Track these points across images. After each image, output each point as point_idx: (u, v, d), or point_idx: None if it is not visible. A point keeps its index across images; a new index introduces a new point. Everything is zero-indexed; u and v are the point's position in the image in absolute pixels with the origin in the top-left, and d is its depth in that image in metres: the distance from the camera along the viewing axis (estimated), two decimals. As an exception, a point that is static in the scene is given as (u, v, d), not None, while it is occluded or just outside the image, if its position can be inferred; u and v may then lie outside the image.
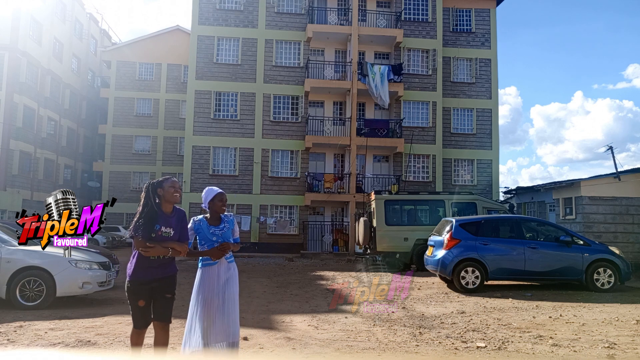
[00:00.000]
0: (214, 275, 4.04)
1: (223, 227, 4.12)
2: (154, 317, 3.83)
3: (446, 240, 10.16)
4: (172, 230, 3.77)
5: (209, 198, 4.16)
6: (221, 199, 4.15)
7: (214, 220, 4.14)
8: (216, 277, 4.03)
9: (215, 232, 4.08)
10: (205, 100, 23.23)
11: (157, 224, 3.69)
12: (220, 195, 4.16)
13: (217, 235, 4.06)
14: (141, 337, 3.89)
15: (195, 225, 4.08)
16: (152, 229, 3.67)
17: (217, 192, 4.14)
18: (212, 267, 4.05)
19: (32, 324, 6.23)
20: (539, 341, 5.57)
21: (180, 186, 4.00)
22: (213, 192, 4.15)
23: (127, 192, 31.94)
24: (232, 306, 4.02)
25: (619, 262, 9.90)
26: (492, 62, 24.84)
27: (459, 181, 24.23)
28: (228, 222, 4.17)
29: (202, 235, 4.06)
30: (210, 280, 4.02)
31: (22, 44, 25.93)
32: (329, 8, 24.24)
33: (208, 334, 3.90)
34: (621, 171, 16.81)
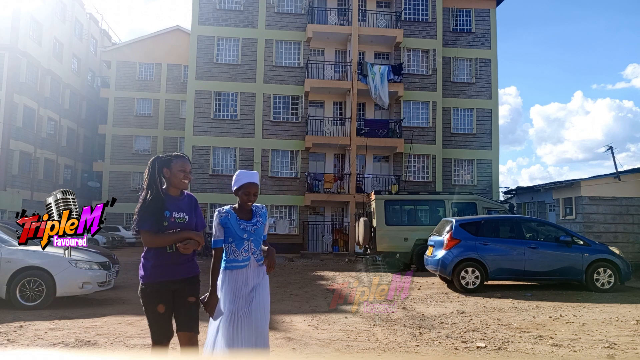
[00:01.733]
0: (242, 281, 3.36)
1: (256, 222, 3.43)
2: (178, 327, 3.24)
3: (446, 240, 10.17)
4: (185, 215, 3.21)
5: (236, 185, 3.45)
6: (247, 191, 3.40)
7: (244, 213, 3.44)
8: (244, 283, 3.35)
9: (247, 228, 3.39)
10: (205, 100, 23.24)
11: (166, 210, 3.11)
12: (248, 186, 3.40)
13: (249, 232, 3.38)
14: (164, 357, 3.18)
15: (222, 219, 3.38)
16: (162, 217, 3.09)
17: (246, 181, 3.40)
18: (240, 270, 3.36)
19: (32, 324, 6.23)
20: (539, 341, 5.57)
21: (191, 170, 3.38)
22: (241, 179, 3.42)
23: (127, 192, 31.93)
24: (261, 318, 3.32)
25: (619, 262, 9.90)
26: (492, 62, 24.85)
27: (459, 181, 24.24)
28: (261, 216, 3.49)
29: (230, 232, 3.35)
30: (236, 286, 3.34)
31: (22, 44, 25.93)
32: (329, 8, 24.25)
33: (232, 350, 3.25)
34: (621, 171, 16.81)
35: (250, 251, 3.40)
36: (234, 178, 3.47)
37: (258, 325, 3.26)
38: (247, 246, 3.37)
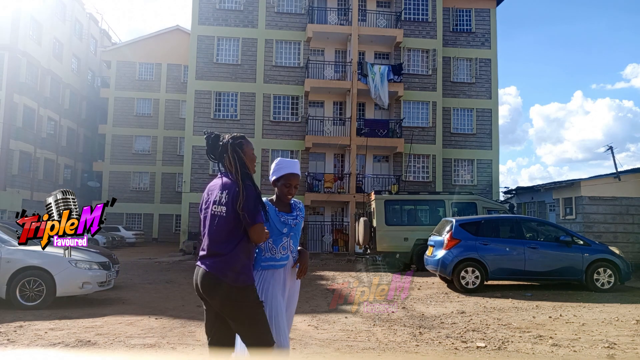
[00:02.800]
0: (280, 283, 3.05)
1: (296, 216, 3.14)
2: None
3: (446, 240, 10.17)
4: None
5: (275, 174, 3.13)
6: (288, 182, 3.10)
7: (282, 207, 3.13)
8: (281, 285, 3.05)
9: (288, 222, 3.09)
10: (205, 100, 23.24)
11: None
12: (289, 177, 3.10)
13: (290, 225, 3.09)
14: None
15: None
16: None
17: (287, 171, 3.10)
18: (278, 270, 3.05)
19: (32, 324, 6.23)
20: (539, 341, 5.57)
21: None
22: (282, 169, 3.11)
23: (127, 192, 31.96)
24: (289, 322, 3.14)
25: (619, 262, 9.90)
26: (492, 62, 24.85)
27: (459, 181, 24.24)
28: (300, 210, 3.18)
29: (267, 226, 2.96)
30: (275, 287, 3.02)
31: (22, 44, 25.93)
32: (329, 8, 24.24)
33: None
34: (621, 171, 16.81)
35: (289, 249, 3.09)
36: (272, 167, 3.16)
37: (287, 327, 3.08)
38: (286, 243, 3.07)
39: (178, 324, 6.45)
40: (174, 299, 8.77)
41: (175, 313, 7.24)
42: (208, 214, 2.86)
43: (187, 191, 22.84)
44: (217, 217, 2.81)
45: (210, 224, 2.82)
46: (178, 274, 13.05)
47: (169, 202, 32.09)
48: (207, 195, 2.93)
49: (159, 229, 32.56)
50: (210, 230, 2.82)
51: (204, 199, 2.94)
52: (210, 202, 2.86)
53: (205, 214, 2.90)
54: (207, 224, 2.84)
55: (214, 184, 2.94)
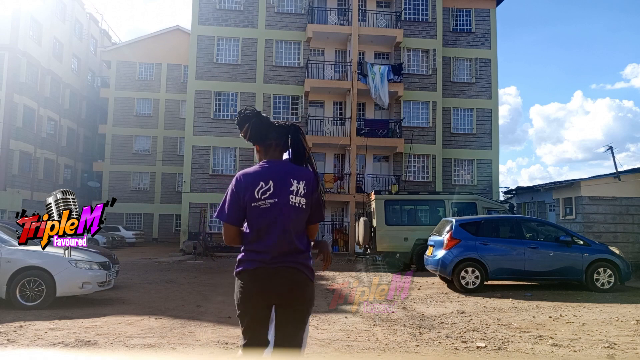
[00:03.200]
0: None
1: None
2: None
3: (446, 240, 10.17)
4: None
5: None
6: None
7: None
8: None
9: None
10: (205, 100, 23.25)
11: None
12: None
13: None
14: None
15: None
16: None
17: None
18: None
19: (32, 324, 6.23)
20: (539, 341, 5.58)
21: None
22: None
23: (127, 192, 31.96)
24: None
25: (619, 262, 9.91)
26: (492, 62, 24.86)
27: (459, 181, 24.25)
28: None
29: None
30: None
31: (22, 44, 25.94)
32: (329, 8, 24.25)
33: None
34: (621, 171, 16.81)
35: None
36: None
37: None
38: None
39: (178, 324, 6.45)
40: (174, 299, 8.77)
41: (175, 313, 7.24)
42: (275, 205, 2.53)
43: (187, 191, 22.83)
44: (297, 209, 2.55)
45: (286, 217, 2.52)
46: (178, 274, 13.05)
47: (169, 202, 32.10)
48: (261, 184, 2.54)
49: (159, 229, 32.56)
50: (286, 224, 2.52)
51: (256, 188, 2.53)
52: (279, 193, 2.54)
53: (262, 204, 2.52)
54: (278, 216, 2.51)
55: (266, 171, 2.60)
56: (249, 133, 2.69)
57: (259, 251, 2.52)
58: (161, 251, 22.92)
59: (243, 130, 2.70)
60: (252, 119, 2.68)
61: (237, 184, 2.57)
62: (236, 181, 2.58)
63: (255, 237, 2.54)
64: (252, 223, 2.54)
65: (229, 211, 2.56)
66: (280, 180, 2.57)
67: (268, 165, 2.64)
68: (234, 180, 2.60)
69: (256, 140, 2.71)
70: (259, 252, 2.52)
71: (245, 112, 2.69)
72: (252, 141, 2.72)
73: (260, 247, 2.52)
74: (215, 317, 6.93)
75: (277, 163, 2.66)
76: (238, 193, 2.55)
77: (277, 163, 2.66)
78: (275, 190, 2.54)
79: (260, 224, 2.53)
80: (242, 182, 2.57)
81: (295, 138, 2.68)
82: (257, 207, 2.52)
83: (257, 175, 2.58)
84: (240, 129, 2.72)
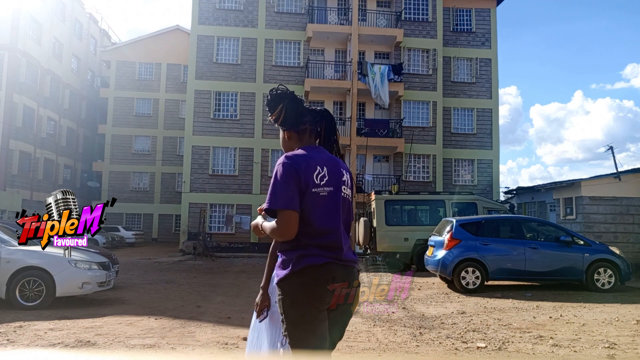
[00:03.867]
0: None
1: None
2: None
3: (446, 240, 10.16)
4: None
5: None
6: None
7: None
8: None
9: None
10: (205, 100, 23.24)
11: None
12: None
13: None
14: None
15: None
16: None
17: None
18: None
19: (32, 324, 6.22)
20: (540, 341, 5.57)
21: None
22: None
23: (127, 192, 31.94)
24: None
25: (620, 262, 9.90)
26: (493, 61, 24.85)
27: (459, 181, 24.24)
28: None
29: None
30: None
31: (22, 44, 25.93)
32: (329, 8, 24.25)
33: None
34: (621, 171, 16.80)
35: None
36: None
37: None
38: None
39: (178, 324, 6.44)
40: (173, 299, 8.76)
41: (175, 313, 7.23)
42: (332, 194, 2.25)
43: (187, 191, 22.82)
44: (346, 201, 2.33)
45: (339, 208, 2.28)
46: (178, 274, 13.04)
47: (169, 202, 32.08)
48: (318, 169, 2.23)
49: (158, 229, 32.55)
50: (338, 215, 2.28)
51: (315, 172, 2.21)
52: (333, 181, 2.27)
53: (321, 191, 2.22)
54: (337, 207, 2.26)
55: (317, 155, 2.29)
56: (282, 115, 2.33)
57: (325, 246, 2.21)
58: (161, 251, 22.92)
59: (276, 111, 2.34)
60: (285, 99, 2.33)
61: (294, 164, 2.17)
62: (292, 162, 2.18)
63: (317, 230, 2.19)
64: (313, 212, 2.18)
65: (289, 195, 2.14)
66: (332, 167, 2.29)
67: (314, 150, 2.31)
68: (289, 161, 2.19)
69: (290, 125, 2.35)
70: (325, 248, 2.21)
71: (278, 91, 2.35)
72: (284, 126, 2.36)
73: (325, 241, 2.22)
74: (215, 317, 6.93)
75: (321, 149, 2.35)
76: (299, 173, 2.16)
77: (321, 149, 2.35)
78: (330, 178, 2.26)
79: (321, 214, 2.20)
80: (300, 163, 2.19)
81: (330, 124, 2.41)
82: (317, 194, 2.20)
83: (311, 159, 2.24)
84: (271, 110, 2.36)
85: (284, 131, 2.38)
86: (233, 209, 22.77)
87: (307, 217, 2.17)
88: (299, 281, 2.18)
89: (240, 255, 20.80)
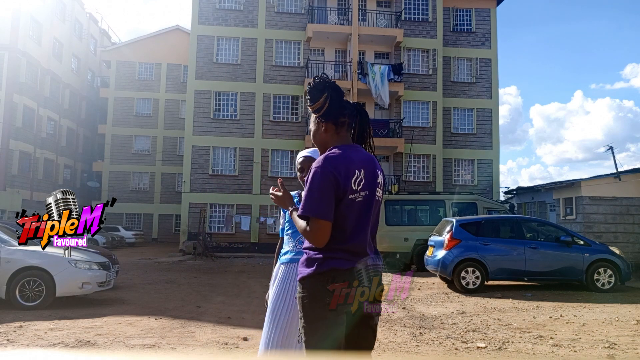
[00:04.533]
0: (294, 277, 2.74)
1: None
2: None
3: (446, 240, 10.16)
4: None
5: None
6: (300, 167, 2.90)
7: None
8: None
9: None
10: (205, 100, 23.24)
11: None
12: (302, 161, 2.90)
13: None
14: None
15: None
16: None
17: (299, 159, 2.92)
18: (293, 264, 2.83)
19: (31, 324, 6.22)
20: (540, 341, 5.57)
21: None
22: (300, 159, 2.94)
23: (127, 192, 31.94)
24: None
25: (620, 262, 9.90)
26: (493, 61, 24.86)
27: (459, 181, 24.24)
28: None
29: (288, 216, 2.83)
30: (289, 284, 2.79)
31: (22, 44, 25.92)
32: (329, 8, 24.25)
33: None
34: (621, 171, 16.80)
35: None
36: (298, 162, 2.95)
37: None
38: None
39: (178, 324, 6.44)
40: (173, 299, 8.76)
41: (175, 313, 7.23)
42: (367, 199, 2.18)
43: (187, 191, 22.81)
44: (378, 204, 2.26)
45: (371, 212, 2.23)
46: (178, 274, 13.04)
47: (169, 202, 32.09)
48: (357, 173, 2.14)
49: (158, 229, 32.55)
50: (369, 220, 2.23)
51: (353, 178, 2.12)
52: (369, 184, 2.19)
53: (357, 197, 2.13)
54: (369, 212, 2.21)
55: (354, 156, 2.18)
56: (326, 106, 2.19)
57: (355, 252, 2.17)
58: (161, 251, 22.92)
59: (319, 101, 2.19)
60: (329, 89, 2.20)
61: (335, 170, 2.07)
62: (333, 168, 2.08)
63: (348, 235, 2.14)
64: (346, 218, 2.11)
65: (325, 204, 2.06)
66: (369, 169, 2.21)
67: (351, 149, 2.20)
68: (330, 167, 2.08)
69: (333, 117, 2.20)
70: (355, 253, 2.17)
71: (320, 79, 2.21)
72: (326, 117, 2.20)
73: (354, 246, 2.16)
74: (215, 317, 6.93)
75: (358, 148, 2.26)
76: (338, 181, 2.07)
77: (358, 148, 2.26)
78: (366, 182, 2.17)
79: (354, 219, 2.14)
80: (340, 169, 2.09)
81: (365, 119, 2.29)
82: (353, 200, 2.11)
83: (350, 162, 2.14)
84: (314, 100, 2.21)
85: (321, 123, 2.23)
86: (233, 209, 22.76)
87: (341, 223, 2.11)
88: (322, 282, 2.15)
89: (240, 255, 20.81)
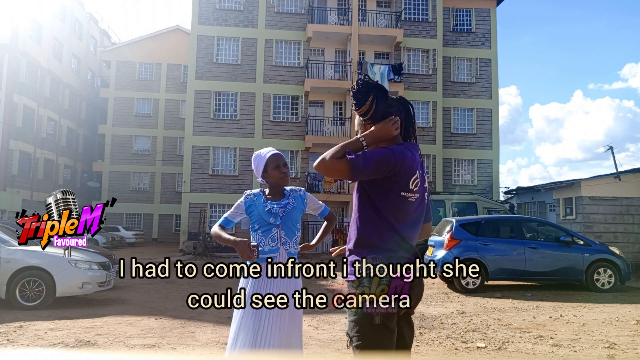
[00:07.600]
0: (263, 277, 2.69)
1: (286, 204, 2.80)
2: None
3: (446, 240, 10.16)
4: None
5: (261, 168, 2.82)
6: (277, 164, 2.80)
7: (275, 195, 2.84)
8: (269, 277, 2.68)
9: (274, 210, 2.77)
10: (205, 100, 23.23)
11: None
12: (275, 158, 2.81)
13: (276, 214, 2.76)
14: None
15: (247, 201, 2.82)
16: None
17: (269, 155, 2.81)
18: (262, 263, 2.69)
19: (32, 324, 6.22)
20: (539, 341, 5.57)
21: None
22: (263, 158, 2.82)
23: (127, 192, 31.94)
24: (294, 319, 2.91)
25: (619, 262, 9.91)
26: (492, 62, 24.86)
27: (459, 181, 24.24)
28: (296, 199, 2.86)
29: (255, 216, 2.78)
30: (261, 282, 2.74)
31: (22, 44, 25.92)
32: (329, 8, 24.24)
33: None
34: (621, 171, 16.80)
35: (279, 240, 2.75)
36: (254, 163, 2.89)
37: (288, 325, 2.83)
38: (275, 234, 2.73)
39: (178, 324, 6.44)
40: (174, 299, 8.77)
41: (175, 313, 7.23)
42: (419, 201, 2.11)
43: (187, 191, 22.81)
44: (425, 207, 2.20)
45: (422, 216, 2.17)
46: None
47: (169, 202, 32.09)
48: (417, 174, 2.07)
49: (158, 229, 32.55)
50: (420, 223, 2.17)
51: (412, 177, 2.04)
52: (422, 187, 2.12)
53: (410, 197, 2.05)
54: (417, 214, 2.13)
55: (417, 158, 2.11)
56: (373, 109, 2.09)
57: (407, 249, 2.07)
58: (161, 251, 22.91)
59: (366, 104, 2.09)
60: (373, 89, 2.11)
61: (402, 160, 2.00)
62: (401, 157, 2.00)
63: (401, 236, 2.05)
64: (396, 216, 2.03)
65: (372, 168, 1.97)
66: (422, 172, 2.14)
67: (413, 149, 2.11)
68: (400, 153, 2.00)
69: (381, 118, 2.10)
70: (407, 250, 2.07)
71: (363, 82, 2.12)
72: (374, 119, 2.11)
73: (406, 249, 2.06)
74: (215, 317, 6.93)
75: (415, 148, 2.15)
76: (394, 171, 1.99)
77: (415, 148, 2.15)
78: (421, 184, 2.11)
79: (405, 220, 2.06)
80: (406, 163, 2.01)
81: (409, 113, 2.19)
82: (405, 198, 2.03)
83: (413, 161, 2.05)
84: (360, 103, 2.10)
85: (369, 125, 2.12)
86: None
87: (393, 222, 2.03)
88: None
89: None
